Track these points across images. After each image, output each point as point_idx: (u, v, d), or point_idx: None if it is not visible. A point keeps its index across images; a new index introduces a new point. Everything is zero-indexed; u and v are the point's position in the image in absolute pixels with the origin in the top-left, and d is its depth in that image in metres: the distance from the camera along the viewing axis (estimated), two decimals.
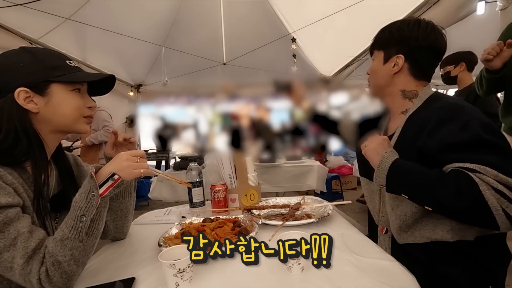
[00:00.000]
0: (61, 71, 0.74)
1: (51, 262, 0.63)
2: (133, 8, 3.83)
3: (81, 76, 0.77)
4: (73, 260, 0.65)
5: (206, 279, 0.68)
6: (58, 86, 0.73)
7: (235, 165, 1.32)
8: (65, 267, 0.64)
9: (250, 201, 1.28)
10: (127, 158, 0.76)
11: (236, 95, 2.01)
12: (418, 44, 0.93)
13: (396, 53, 0.96)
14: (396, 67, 0.97)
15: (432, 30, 0.93)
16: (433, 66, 0.99)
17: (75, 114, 0.76)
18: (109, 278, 0.73)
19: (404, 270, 0.68)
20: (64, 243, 0.65)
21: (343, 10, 3.43)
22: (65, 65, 0.76)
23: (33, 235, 0.64)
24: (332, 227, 1.00)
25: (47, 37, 3.36)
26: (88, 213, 0.68)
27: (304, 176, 2.97)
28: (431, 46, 0.93)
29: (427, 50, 0.94)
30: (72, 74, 0.75)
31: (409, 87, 0.98)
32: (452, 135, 0.77)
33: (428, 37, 0.93)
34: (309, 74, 5.20)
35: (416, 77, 0.97)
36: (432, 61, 0.97)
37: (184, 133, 2.20)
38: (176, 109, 2.20)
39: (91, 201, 0.68)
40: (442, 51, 0.96)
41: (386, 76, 1.00)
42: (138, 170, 0.76)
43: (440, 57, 0.98)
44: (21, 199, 0.67)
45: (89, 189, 0.69)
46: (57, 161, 0.85)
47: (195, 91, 2.27)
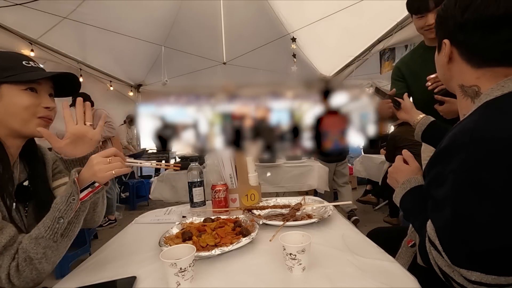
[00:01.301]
0: (11, 72, 0.75)
1: (23, 257, 0.65)
2: (133, 7, 3.82)
3: (30, 76, 0.77)
4: (44, 258, 0.67)
5: (207, 278, 0.68)
6: (8, 86, 0.75)
7: (236, 165, 1.32)
8: (36, 264, 0.66)
9: (251, 201, 1.28)
10: (97, 161, 0.75)
11: (236, 95, 2.01)
12: (456, 22, 0.69)
13: (442, 38, 0.75)
14: (445, 57, 0.75)
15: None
16: (494, 44, 0.65)
17: (25, 113, 0.76)
18: (110, 277, 0.73)
19: (404, 271, 0.68)
20: (39, 241, 0.67)
21: (343, 9, 3.43)
22: (19, 65, 0.77)
23: (4, 232, 0.66)
24: (333, 227, 1.00)
25: (46, 37, 3.35)
26: (66, 216, 0.69)
27: (304, 176, 2.97)
28: (475, 19, 0.65)
29: (472, 25, 0.67)
30: (23, 74, 0.76)
31: (467, 81, 0.72)
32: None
33: (467, 9, 0.66)
34: (309, 74, 5.20)
35: (473, 65, 0.70)
36: (486, 37, 0.65)
37: (184, 133, 2.20)
38: (176, 109, 2.21)
39: (70, 205, 0.70)
40: (496, 18, 0.63)
41: (442, 68, 0.80)
42: (110, 172, 0.75)
43: (499, 27, 0.63)
44: None
45: (70, 193, 0.70)
46: (24, 155, 0.85)
47: (195, 91, 2.27)
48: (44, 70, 0.81)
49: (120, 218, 3.75)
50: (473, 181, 0.58)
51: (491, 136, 0.58)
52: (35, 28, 3.20)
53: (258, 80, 5.31)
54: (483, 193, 0.57)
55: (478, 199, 0.57)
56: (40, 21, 3.13)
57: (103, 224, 3.47)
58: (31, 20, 3.03)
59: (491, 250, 0.56)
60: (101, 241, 3.02)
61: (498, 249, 0.56)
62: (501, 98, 0.64)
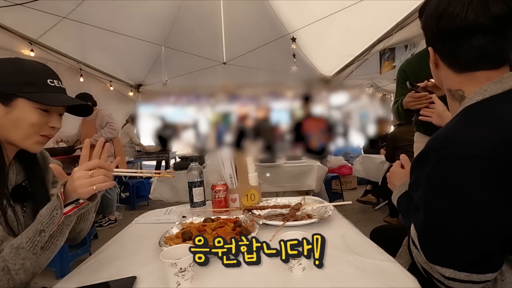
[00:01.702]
0: (31, 89, 0.75)
1: (2, 267, 0.65)
2: (133, 7, 3.82)
3: (50, 99, 0.77)
4: (22, 269, 0.66)
5: (207, 278, 0.68)
6: (24, 101, 0.75)
7: (236, 165, 1.32)
8: (13, 274, 0.65)
9: (251, 201, 1.28)
10: (78, 176, 0.72)
11: (236, 94, 2.01)
12: (433, 31, 0.71)
13: (427, 46, 0.77)
14: (431, 63, 0.77)
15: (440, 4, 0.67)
16: (467, 51, 0.67)
17: (30, 130, 0.77)
18: (110, 277, 0.73)
19: (404, 271, 0.68)
20: (19, 251, 0.66)
21: (343, 9, 3.43)
22: (43, 83, 0.77)
23: None
24: (333, 227, 1.00)
25: (46, 37, 3.35)
26: (48, 229, 0.69)
27: (304, 176, 2.97)
28: (447, 29, 0.67)
29: (445, 34, 0.68)
30: (44, 94, 0.76)
31: (452, 86, 0.74)
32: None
33: (440, 20, 0.67)
34: (309, 74, 5.21)
35: (455, 70, 0.71)
36: (459, 44, 0.67)
37: (184, 133, 2.20)
38: (176, 109, 2.21)
39: (53, 218, 0.69)
40: (464, 27, 0.64)
41: (433, 74, 0.81)
42: (91, 188, 0.71)
43: (469, 35, 0.64)
44: None
45: (54, 207, 0.70)
46: (22, 157, 0.85)
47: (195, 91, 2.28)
48: (65, 92, 0.82)
49: (120, 218, 3.75)
50: (443, 185, 0.62)
51: (460, 142, 0.61)
52: (35, 28, 3.20)
53: (258, 80, 5.31)
54: (452, 197, 0.61)
55: (447, 203, 0.61)
56: (40, 21, 3.13)
57: (103, 224, 3.47)
58: (31, 20, 3.03)
59: (460, 250, 0.60)
60: (101, 241, 3.02)
61: (466, 249, 0.59)
62: (481, 103, 0.65)
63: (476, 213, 0.58)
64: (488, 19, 0.61)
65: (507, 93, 0.64)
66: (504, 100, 0.64)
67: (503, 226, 0.58)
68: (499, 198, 0.57)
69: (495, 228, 0.58)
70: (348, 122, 2.09)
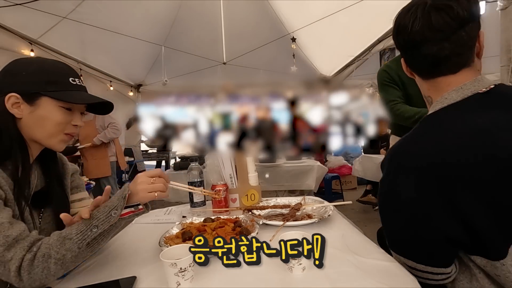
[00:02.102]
0: (55, 87, 0.76)
1: (43, 253, 0.65)
2: (133, 7, 3.82)
3: (74, 97, 0.78)
4: (61, 261, 0.66)
5: (207, 278, 0.68)
6: (48, 100, 0.75)
7: (236, 165, 1.32)
8: (51, 263, 0.65)
9: (251, 201, 1.28)
10: (141, 181, 0.77)
11: (236, 94, 2.02)
12: (396, 43, 0.77)
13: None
14: (406, 72, 0.81)
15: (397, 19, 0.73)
16: (423, 59, 0.71)
17: (54, 128, 0.77)
18: (110, 277, 0.73)
19: (404, 271, 0.68)
20: (65, 241, 0.67)
21: (343, 9, 3.43)
22: (65, 82, 0.78)
23: (14, 226, 0.65)
24: (333, 227, 1.00)
25: (46, 37, 3.35)
26: (102, 227, 0.70)
27: (304, 176, 2.98)
28: (402, 42, 0.73)
29: (403, 47, 0.75)
30: (67, 92, 0.77)
31: (424, 92, 0.79)
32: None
33: (397, 35, 0.74)
34: (309, 74, 5.20)
35: (422, 78, 0.76)
36: (414, 55, 0.73)
37: (184, 133, 2.20)
38: (176, 109, 2.21)
39: (110, 218, 0.71)
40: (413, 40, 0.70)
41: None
42: (152, 194, 0.77)
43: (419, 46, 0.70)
44: (3, 191, 0.69)
45: (114, 206, 0.71)
46: (43, 160, 0.85)
47: (195, 91, 2.28)
48: (85, 90, 0.82)
49: None
50: (388, 192, 0.71)
51: (405, 154, 0.69)
52: (35, 28, 3.20)
53: (258, 80, 5.31)
54: (396, 203, 0.69)
55: (392, 207, 0.70)
56: (40, 21, 3.13)
57: None
58: (31, 20, 3.03)
59: (409, 247, 0.67)
60: None
61: (414, 247, 0.67)
62: (439, 112, 0.70)
63: (416, 219, 0.65)
64: (432, 30, 0.66)
65: (466, 100, 0.67)
66: (463, 108, 0.67)
67: (441, 231, 0.63)
68: (435, 207, 0.62)
69: (434, 232, 0.64)
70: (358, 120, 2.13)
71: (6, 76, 0.75)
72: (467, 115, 0.65)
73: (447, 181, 0.61)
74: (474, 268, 0.66)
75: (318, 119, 2.92)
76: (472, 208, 0.60)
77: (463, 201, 0.60)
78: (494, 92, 0.66)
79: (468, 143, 0.61)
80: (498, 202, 0.59)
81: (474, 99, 0.66)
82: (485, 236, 0.60)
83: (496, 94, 0.66)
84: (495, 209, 0.59)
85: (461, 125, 0.64)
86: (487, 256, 0.62)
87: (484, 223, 0.59)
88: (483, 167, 0.59)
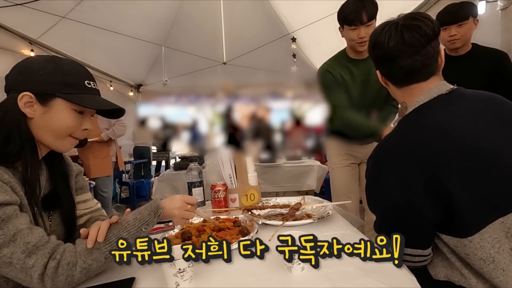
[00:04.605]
0: (70, 89, 0.74)
1: (70, 261, 0.65)
2: (133, 7, 3.82)
3: (89, 102, 0.77)
4: (86, 270, 0.67)
5: (206, 279, 0.68)
6: (61, 101, 0.74)
7: (235, 165, 1.31)
8: (75, 271, 0.65)
9: (250, 201, 1.28)
10: (180, 206, 0.82)
11: (236, 94, 2.01)
12: (373, 57, 0.88)
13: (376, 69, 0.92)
14: (382, 82, 0.92)
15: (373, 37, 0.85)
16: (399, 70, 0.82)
17: (64, 131, 0.76)
18: (109, 278, 0.72)
19: (404, 271, 0.67)
20: (92, 251, 0.68)
21: None
22: (81, 84, 0.76)
23: (33, 232, 0.65)
24: (332, 227, 1.00)
25: (46, 37, 3.35)
26: (131, 240, 0.71)
27: (304, 176, 2.97)
28: (379, 56, 0.85)
29: (379, 60, 0.87)
30: (80, 96, 0.75)
31: (399, 99, 0.90)
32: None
33: (373, 49, 0.86)
34: (309, 74, 5.20)
35: (397, 86, 0.87)
36: (391, 66, 0.84)
37: (184, 133, 2.20)
38: (176, 109, 2.21)
39: (139, 232, 0.73)
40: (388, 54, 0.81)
41: (390, 90, 0.93)
42: (185, 220, 0.85)
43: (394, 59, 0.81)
44: (19, 197, 0.68)
45: (145, 221, 0.75)
46: (50, 161, 0.84)
47: (195, 91, 2.28)
48: (99, 93, 0.81)
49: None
50: (374, 183, 0.82)
51: (385, 149, 0.81)
52: (35, 28, 3.20)
53: (258, 80, 5.30)
54: (380, 192, 0.80)
55: (375, 196, 0.83)
56: (40, 21, 3.13)
57: None
58: (31, 20, 3.03)
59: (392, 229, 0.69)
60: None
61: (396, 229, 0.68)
62: (412, 112, 0.81)
63: (399, 206, 0.75)
64: (405, 46, 0.78)
65: (433, 101, 0.79)
66: (432, 106, 0.79)
67: (423, 213, 0.72)
68: (418, 191, 0.71)
69: (417, 214, 0.73)
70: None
71: (20, 73, 0.72)
72: (436, 111, 0.77)
73: (426, 166, 0.70)
74: (448, 253, 0.75)
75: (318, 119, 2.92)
76: (450, 185, 0.68)
77: (441, 181, 0.69)
78: (454, 93, 0.79)
79: (439, 132, 0.73)
80: (469, 179, 0.68)
81: (439, 99, 0.78)
82: (458, 213, 0.68)
83: (456, 94, 0.79)
84: (468, 185, 0.68)
85: (432, 119, 0.76)
86: (457, 234, 0.70)
87: (459, 201, 0.68)
88: (454, 151, 0.70)
